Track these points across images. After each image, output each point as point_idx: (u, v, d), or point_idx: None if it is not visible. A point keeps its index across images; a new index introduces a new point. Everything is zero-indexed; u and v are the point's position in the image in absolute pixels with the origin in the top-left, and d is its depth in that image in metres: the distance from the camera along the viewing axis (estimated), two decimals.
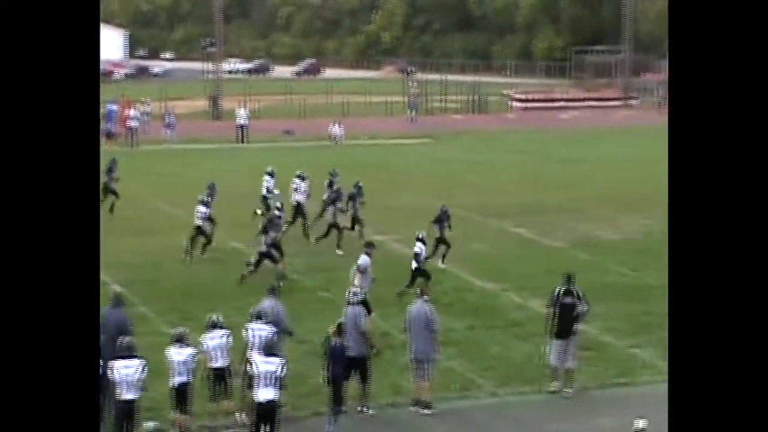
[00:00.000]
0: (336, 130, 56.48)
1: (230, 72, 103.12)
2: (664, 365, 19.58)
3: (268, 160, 48.14)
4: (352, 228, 28.97)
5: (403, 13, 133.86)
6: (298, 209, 29.88)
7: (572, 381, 18.22)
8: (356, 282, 20.66)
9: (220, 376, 16.27)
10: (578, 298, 18.21)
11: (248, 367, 15.49)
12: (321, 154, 49.33)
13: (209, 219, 27.88)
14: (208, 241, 27.41)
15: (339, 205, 28.78)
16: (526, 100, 78.44)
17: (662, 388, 18.58)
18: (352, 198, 29.35)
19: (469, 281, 25.24)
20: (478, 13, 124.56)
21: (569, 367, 18.20)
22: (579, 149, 53.18)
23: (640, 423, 14.41)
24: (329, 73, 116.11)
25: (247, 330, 16.71)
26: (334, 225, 28.36)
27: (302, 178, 30.68)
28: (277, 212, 26.74)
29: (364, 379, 17.13)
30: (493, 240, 29.92)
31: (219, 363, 16.24)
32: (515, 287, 24.71)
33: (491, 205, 34.86)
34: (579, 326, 18.31)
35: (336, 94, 76.12)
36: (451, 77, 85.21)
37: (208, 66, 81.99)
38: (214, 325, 16.42)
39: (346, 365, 16.50)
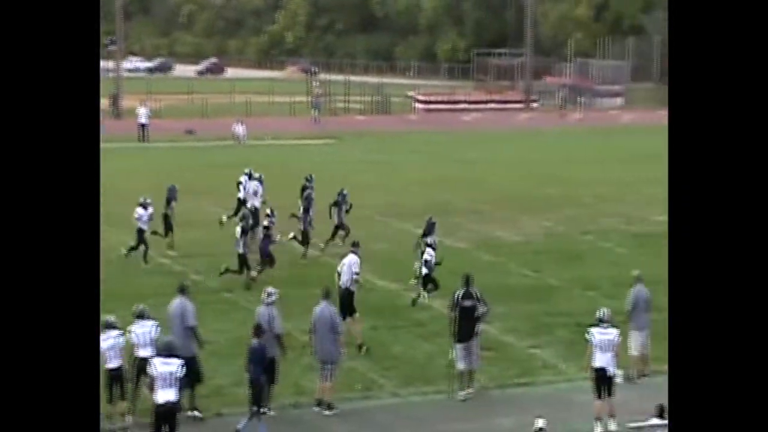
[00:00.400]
0: (239, 129, 56.12)
1: (131, 70, 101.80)
2: (563, 365, 19.84)
3: (170, 160, 47.72)
4: (333, 236, 28.29)
5: (306, 13, 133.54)
6: (254, 213, 28.98)
7: (473, 381, 18.33)
8: (343, 280, 20.74)
9: (115, 377, 16.12)
10: (478, 299, 18.32)
11: (147, 368, 15.37)
12: (224, 154, 48.97)
13: (166, 219, 28.10)
14: (136, 247, 27.22)
15: (312, 213, 28.06)
16: (429, 102, 78.82)
17: (562, 388, 18.90)
18: (336, 204, 28.40)
19: (371, 281, 25.25)
20: (381, 14, 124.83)
21: (472, 368, 18.31)
22: (481, 151, 53.61)
23: (540, 422, 14.57)
24: (232, 72, 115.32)
25: (130, 332, 16.72)
26: (305, 232, 27.93)
27: (261, 181, 30.61)
28: (267, 221, 26.17)
29: (272, 380, 17.08)
30: (395, 240, 29.98)
31: (113, 364, 16.13)
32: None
33: (394, 206, 34.98)
34: (480, 327, 18.43)
35: (239, 94, 75.62)
36: (354, 78, 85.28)
37: (109, 64, 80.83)
38: (108, 326, 16.26)
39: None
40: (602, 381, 16.79)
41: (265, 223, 26.02)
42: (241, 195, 30.67)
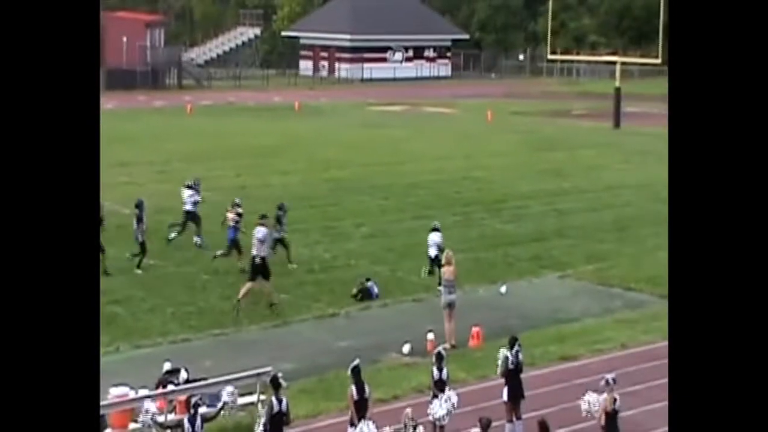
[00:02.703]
0: None
1: None
2: None
3: None
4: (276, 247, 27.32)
5: None
6: (190, 217, 29.33)
7: None
8: (255, 251, 23.09)
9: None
10: None
11: None
12: None
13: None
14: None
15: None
16: None
17: None
18: (278, 220, 27.16)
19: None
20: None
21: None
22: None
23: None
24: None
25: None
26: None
27: (192, 187, 29.73)
28: (235, 211, 26.95)
29: None
30: None
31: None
32: None
33: None
34: None
35: None
36: None
37: None
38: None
39: None
40: None
41: (234, 213, 26.80)
42: (190, 207, 29.42)
